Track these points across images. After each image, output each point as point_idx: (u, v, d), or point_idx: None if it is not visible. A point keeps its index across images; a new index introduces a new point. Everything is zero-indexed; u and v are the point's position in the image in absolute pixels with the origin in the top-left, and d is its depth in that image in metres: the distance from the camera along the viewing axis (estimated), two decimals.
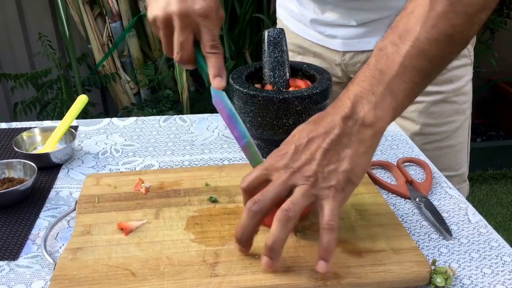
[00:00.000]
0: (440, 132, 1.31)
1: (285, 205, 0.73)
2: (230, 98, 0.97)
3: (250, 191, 0.78)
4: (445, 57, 0.78)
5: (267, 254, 0.73)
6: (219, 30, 0.89)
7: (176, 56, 0.89)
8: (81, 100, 1.17)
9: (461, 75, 1.30)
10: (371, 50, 1.31)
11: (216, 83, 0.87)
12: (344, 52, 1.33)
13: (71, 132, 1.13)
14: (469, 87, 1.33)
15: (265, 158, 1.09)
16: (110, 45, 2.65)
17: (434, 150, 1.31)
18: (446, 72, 1.27)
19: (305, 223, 0.85)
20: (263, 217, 0.75)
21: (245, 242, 0.77)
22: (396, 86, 0.76)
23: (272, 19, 2.64)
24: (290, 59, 1.38)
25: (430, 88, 1.26)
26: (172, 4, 0.85)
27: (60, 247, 0.85)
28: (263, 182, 0.77)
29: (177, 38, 0.87)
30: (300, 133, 0.78)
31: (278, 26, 1.47)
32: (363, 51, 1.30)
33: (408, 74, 0.76)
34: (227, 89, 0.93)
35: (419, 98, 1.26)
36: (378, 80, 0.77)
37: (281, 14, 1.46)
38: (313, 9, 1.31)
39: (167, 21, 0.87)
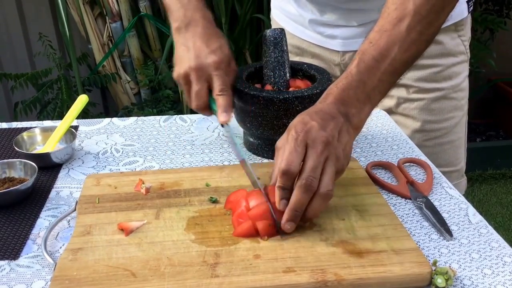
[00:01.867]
0: (441, 128, 1.33)
1: (304, 174, 0.82)
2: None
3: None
4: (404, 73, 0.96)
5: (290, 217, 0.82)
6: (232, 80, 1.04)
7: (193, 104, 1.03)
8: (82, 100, 1.17)
9: (459, 71, 1.32)
10: None
11: (221, 118, 0.98)
12: (344, 52, 1.33)
13: (72, 132, 1.13)
14: (466, 83, 1.36)
15: (264, 157, 1.09)
16: (111, 45, 2.65)
17: (435, 146, 1.33)
18: (446, 69, 1.29)
19: (305, 224, 0.85)
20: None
21: (300, 214, 0.83)
22: (375, 97, 0.92)
23: None
24: None
25: (430, 85, 1.28)
26: (190, 62, 1.01)
27: (61, 247, 0.85)
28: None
29: (193, 88, 1.01)
30: (308, 118, 0.87)
31: (273, 27, 1.47)
32: None
33: (383, 87, 0.93)
34: None
35: (420, 95, 1.29)
36: (362, 90, 0.90)
37: (276, 15, 1.46)
38: (311, 10, 1.31)
39: (186, 76, 1.02)
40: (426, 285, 0.76)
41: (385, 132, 1.20)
